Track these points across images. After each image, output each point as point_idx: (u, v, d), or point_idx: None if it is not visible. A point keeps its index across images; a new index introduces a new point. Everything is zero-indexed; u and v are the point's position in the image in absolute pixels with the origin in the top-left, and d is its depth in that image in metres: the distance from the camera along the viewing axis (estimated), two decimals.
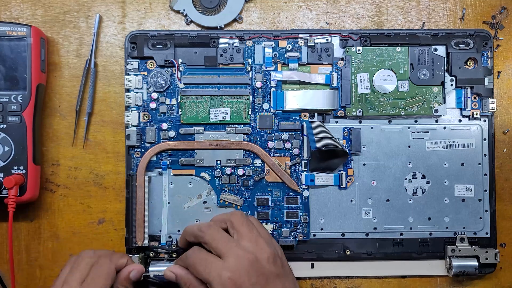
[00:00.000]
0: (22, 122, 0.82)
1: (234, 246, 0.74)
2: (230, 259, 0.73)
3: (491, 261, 0.87)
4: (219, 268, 0.72)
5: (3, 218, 0.86)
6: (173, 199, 0.88)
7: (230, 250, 0.74)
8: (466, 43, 0.87)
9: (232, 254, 0.73)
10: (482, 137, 0.88)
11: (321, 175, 0.88)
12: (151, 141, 0.87)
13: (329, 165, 0.87)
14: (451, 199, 0.88)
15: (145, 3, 0.90)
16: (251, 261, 0.73)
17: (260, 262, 0.73)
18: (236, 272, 0.72)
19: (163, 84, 0.87)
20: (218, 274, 0.72)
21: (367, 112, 0.87)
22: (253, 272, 0.72)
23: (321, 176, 0.88)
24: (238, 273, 0.72)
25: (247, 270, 0.72)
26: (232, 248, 0.74)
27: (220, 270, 0.72)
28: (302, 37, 0.88)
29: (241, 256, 0.73)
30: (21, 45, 0.82)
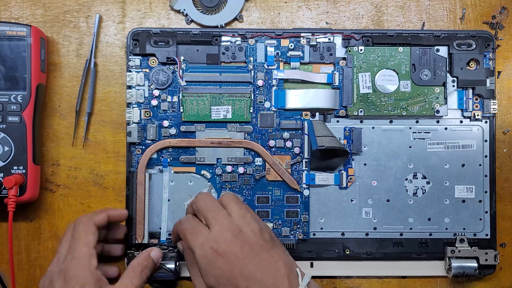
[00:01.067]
0: (22, 122, 0.82)
1: (222, 217, 0.74)
2: (215, 228, 0.73)
3: (491, 263, 0.87)
4: (203, 237, 0.73)
5: (3, 218, 0.85)
6: (174, 196, 0.88)
7: (218, 220, 0.74)
8: (468, 44, 0.87)
9: (218, 223, 0.73)
10: (483, 138, 0.88)
11: (322, 175, 0.88)
12: (152, 138, 0.87)
13: (330, 164, 0.87)
14: (452, 200, 0.88)
15: (145, 3, 0.89)
16: (235, 232, 0.73)
17: (245, 234, 0.73)
18: (219, 242, 0.72)
19: (164, 81, 0.87)
20: (201, 243, 0.72)
21: (369, 112, 0.87)
22: (237, 243, 0.72)
23: (322, 175, 0.88)
24: (221, 243, 0.72)
25: (230, 241, 0.72)
26: (219, 218, 0.74)
27: (204, 239, 0.72)
28: (304, 36, 0.87)
29: (226, 226, 0.73)
30: (21, 45, 0.81)
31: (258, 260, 0.72)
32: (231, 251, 0.71)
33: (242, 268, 0.71)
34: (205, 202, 0.77)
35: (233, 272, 0.71)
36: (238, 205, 0.77)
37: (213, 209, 0.76)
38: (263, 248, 0.73)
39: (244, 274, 0.71)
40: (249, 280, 0.71)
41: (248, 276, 0.71)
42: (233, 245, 0.72)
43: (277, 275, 0.72)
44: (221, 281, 0.71)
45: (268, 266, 0.72)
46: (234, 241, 0.72)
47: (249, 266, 0.71)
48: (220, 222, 0.73)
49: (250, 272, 0.71)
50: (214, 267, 0.71)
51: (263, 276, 0.71)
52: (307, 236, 0.88)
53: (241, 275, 0.71)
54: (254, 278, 0.71)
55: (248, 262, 0.71)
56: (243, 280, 0.70)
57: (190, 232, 0.75)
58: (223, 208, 0.76)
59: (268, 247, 0.74)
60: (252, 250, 0.72)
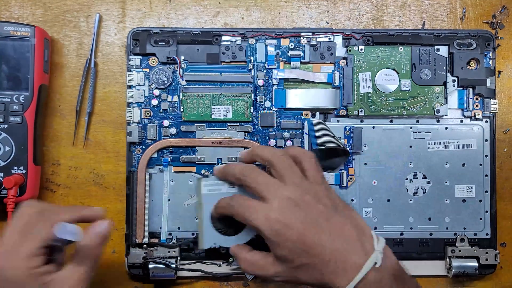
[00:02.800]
0: (24, 123, 0.82)
1: (278, 189, 0.71)
2: (275, 201, 0.70)
3: (491, 262, 0.87)
4: (264, 211, 0.70)
5: (3, 218, 0.85)
6: (174, 196, 0.88)
7: (275, 192, 0.71)
8: (469, 44, 0.87)
9: (277, 196, 0.70)
10: (483, 138, 0.88)
11: None
12: (152, 138, 0.87)
13: (330, 164, 0.87)
14: (452, 200, 0.88)
15: (145, 3, 0.89)
16: (296, 201, 0.70)
17: (306, 202, 0.71)
18: (282, 213, 0.69)
19: (165, 81, 0.87)
20: (263, 217, 0.69)
21: (369, 111, 0.87)
22: (300, 212, 0.70)
23: None
24: (285, 213, 0.69)
25: (293, 210, 0.69)
26: (276, 190, 0.71)
27: (266, 213, 0.70)
28: (304, 35, 0.87)
29: (286, 197, 0.70)
30: (25, 45, 0.81)
31: (327, 226, 0.70)
32: (297, 220, 0.69)
33: (312, 236, 0.69)
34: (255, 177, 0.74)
35: (303, 240, 0.68)
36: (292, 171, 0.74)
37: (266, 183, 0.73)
38: (330, 213, 0.71)
39: (315, 241, 0.68)
40: (322, 246, 0.68)
41: (319, 242, 0.68)
42: (298, 215, 0.69)
43: (349, 240, 0.70)
44: (294, 250, 0.69)
45: (338, 231, 0.70)
46: (297, 211, 0.70)
47: (319, 233, 0.69)
48: (279, 194, 0.71)
49: (321, 239, 0.69)
50: (285, 239, 0.69)
51: (334, 241, 0.69)
52: None
53: (312, 243, 0.68)
54: (326, 244, 0.68)
55: (316, 229, 0.69)
56: (315, 247, 0.68)
57: (247, 211, 0.72)
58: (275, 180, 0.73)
59: (335, 211, 0.72)
60: (319, 217, 0.70)
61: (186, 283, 0.89)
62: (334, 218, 0.71)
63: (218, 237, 0.81)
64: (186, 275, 0.87)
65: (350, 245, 0.69)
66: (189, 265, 0.87)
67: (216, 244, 0.81)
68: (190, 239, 0.87)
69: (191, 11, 0.90)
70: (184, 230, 0.87)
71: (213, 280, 0.89)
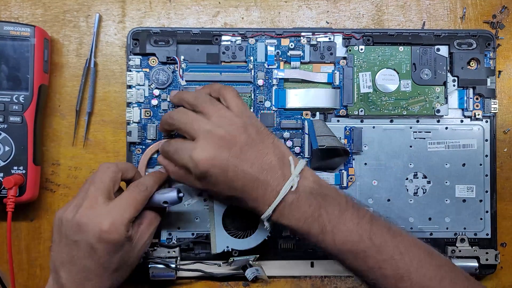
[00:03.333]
0: (24, 123, 0.82)
1: (201, 124, 0.74)
2: (200, 139, 0.73)
3: (491, 262, 0.87)
4: (190, 150, 0.73)
5: (3, 218, 0.85)
6: None
7: (199, 130, 0.73)
8: (469, 44, 0.87)
9: (201, 133, 0.73)
10: (483, 138, 0.88)
11: (322, 174, 0.87)
12: (152, 138, 0.87)
13: (330, 164, 0.87)
14: (452, 200, 0.88)
15: (145, 2, 0.89)
16: (220, 136, 0.73)
17: (230, 134, 0.73)
18: (207, 151, 0.72)
19: (165, 81, 0.87)
20: (189, 156, 0.72)
21: (369, 111, 0.87)
22: (225, 147, 0.72)
23: (322, 175, 0.87)
24: (209, 151, 0.72)
25: (218, 146, 0.72)
26: (200, 128, 0.74)
27: (192, 152, 0.72)
28: (304, 35, 0.87)
29: (211, 133, 0.73)
30: (25, 45, 0.81)
31: (249, 157, 0.73)
32: (221, 155, 0.72)
33: (235, 169, 0.72)
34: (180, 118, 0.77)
35: (227, 175, 0.72)
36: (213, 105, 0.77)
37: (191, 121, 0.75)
38: (252, 144, 0.74)
39: (238, 174, 0.72)
40: (244, 178, 0.72)
41: (242, 175, 0.72)
42: (222, 150, 0.72)
43: (269, 168, 0.73)
44: (219, 186, 0.73)
45: (259, 161, 0.73)
46: (222, 145, 0.72)
47: (241, 165, 0.72)
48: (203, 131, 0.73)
49: (243, 171, 0.72)
50: (209, 175, 0.72)
51: (255, 171, 0.73)
52: None
53: (235, 176, 0.72)
54: (248, 176, 0.72)
55: (239, 162, 0.72)
56: (237, 180, 0.72)
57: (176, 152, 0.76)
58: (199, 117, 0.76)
59: (256, 142, 0.74)
60: (241, 150, 0.73)
61: (186, 283, 0.89)
62: (256, 147, 0.74)
63: (230, 240, 0.83)
64: (186, 275, 0.87)
65: (271, 172, 0.73)
66: (189, 265, 0.87)
67: (228, 247, 0.83)
68: (190, 239, 0.87)
69: (191, 11, 0.90)
70: (184, 230, 0.87)
71: (213, 280, 0.89)
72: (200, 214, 0.87)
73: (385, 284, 0.71)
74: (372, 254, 0.71)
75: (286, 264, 0.88)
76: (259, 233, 0.83)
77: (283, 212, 0.73)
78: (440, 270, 0.72)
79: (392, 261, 0.71)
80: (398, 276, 0.71)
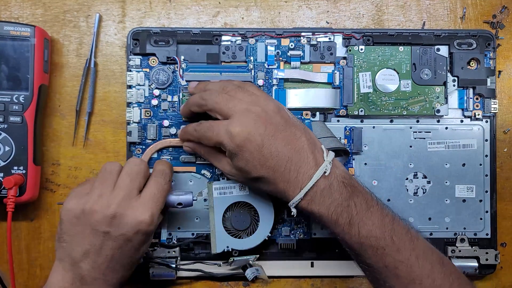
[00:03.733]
0: (24, 123, 0.82)
1: (237, 103, 0.75)
2: (235, 116, 0.73)
3: (491, 262, 0.87)
4: (226, 126, 0.73)
5: (3, 218, 0.85)
6: None
7: (234, 108, 0.74)
8: (469, 44, 0.87)
9: (237, 111, 0.74)
10: (483, 138, 0.88)
11: None
12: (152, 138, 0.87)
13: None
14: (452, 200, 0.88)
15: (145, 2, 0.89)
16: (256, 113, 0.73)
17: (266, 112, 0.74)
18: (244, 126, 0.72)
19: (165, 81, 0.87)
20: (226, 131, 0.73)
21: (369, 111, 0.87)
22: (261, 123, 0.73)
23: None
24: (246, 125, 0.72)
25: (254, 122, 0.73)
26: (235, 106, 0.74)
27: (227, 127, 0.73)
28: (304, 35, 0.87)
29: (245, 110, 0.74)
30: (25, 45, 0.81)
31: (283, 137, 0.73)
32: (258, 131, 0.72)
33: (269, 147, 0.72)
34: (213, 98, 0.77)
35: (262, 152, 0.72)
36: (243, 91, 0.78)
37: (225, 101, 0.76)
38: (286, 126, 0.75)
39: (272, 152, 0.72)
40: (278, 157, 0.72)
41: (275, 153, 0.72)
42: (258, 126, 0.73)
43: (301, 151, 0.74)
44: (251, 163, 0.73)
45: (293, 142, 0.74)
46: (258, 122, 0.73)
47: (276, 144, 0.73)
48: (238, 109, 0.74)
49: (277, 150, 0.72)
50: (243, 150, 0.72)
51: (289, 152, 0.73)
52: (308, 236, 0.88)
53: (269, 154, 0.72)
54: (281, 155, 0.73)
55: (274, 140, 0.73)
56: (271, 158, 0.72)
57: (210, 130, 0.76)
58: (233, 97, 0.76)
59: (290, 124, 0.75)
60: (276, 129, 0.73)
61: (186, 283, 0.89)
62: (290, 130, 0.75)
63: (230, 240, 0.83)
64: (186, 275, 0.87)
65: (303, 156, 0.73)
66: (189, 265, 0.87)
67: (229, 247, 0.83)
68: (190, 239, 0.87)
69: (191, 11, 0.90)
70: (184, 230, 0.87)
71: (213, 280, 0.89)
72: (200, 214, 0.87)
73: (396, 284, 0.72)
74: (390, 253, 0.72)
75: (286, 264, 0.88)
76: (259, 233, 0.83)
77: (314, 198, 0.73)
78: (449, 278, 0.72)
79: (407, 262, 0.72)
80: (410, 278, 0.72)
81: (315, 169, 0.73)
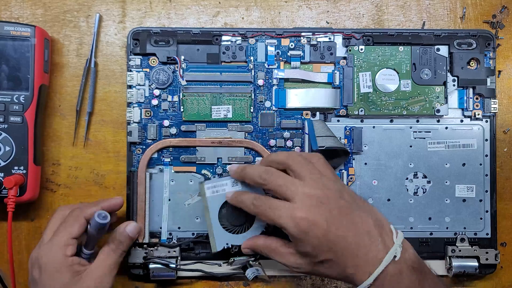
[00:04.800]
0: (24, 123, 0.82)
1: (299, 187, 0.73)
2: (298, 199, 0.72)
3: (491, 262, 0.87)
4: (289, 210, 0.71)
5: (3, 218, 0.85)
6: (174, 196, 0.88)
7: (296, 191, 0.72)
8: (469, 44, 0.87)
9: (300, 194, 0.72)
10: (483, 137, 0.88)
11: None
12: (152, 137, 0.87)
13: (331, 164, 0.87)
14: (452, 199, 0.88)
15: (145, 2, 0.89)
16: (319, 198, 0.72)
17: (328, 198, 0.72)
18: (307, 211, 0.71)
19: (165, 81, 0.87)
20: (289, 216, 0.71)
21: (369, 111, 0.87)
22: (324, 209, 0.71)
23: None
24: (310, 211, 0.71)
25: (317, 207, 0.71)
26: (298, 189, 0.72)
27: (291, 212, 0.71)
28: (304, 35, 0.87)
29: (308, 195, 0.72)
30: (25, 45, 0.81)
31: (348, 220, 0.72)
32: (322, 217, 0.71)
33: (336, 231, 0.71)
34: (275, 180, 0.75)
35: (328, 237, 0.70)
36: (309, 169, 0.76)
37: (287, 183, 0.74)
38: (350, 208, 0.73)
39: (339, 236, 0.71)
40: (345, 241, 0.71)
41: (342, 237, 0.71)
42: (322, 212, 0.71)
43: (369, 233, 0.72)
44: (319, 248, 0.71)
45: (359, 225, 0.72)
46: (321, 207, 0.71)
47: (342, 228, 0.71)
48: (301, 192, 0.72)
49: (344, 233, 0.71)
50: (309, 236, 0.71)
51: (356, 235, 0.71)
52: None
53: (336, 238, 0.71)
54: (348, 239, 0.71)
55: (339, 225, 0.71)
56: (338, 242, 0.71)
57: (272, 211, 0.74)
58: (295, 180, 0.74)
59: (354, 207, 0.74)
60: (340, 212, 0.72)
61: (186, 283, 0.89)
62: (355, 212, 0.73)
63: (229, 236, 0.83)
64: (186, 275, 0.87)
65: (371, 239, 0.71)
66: (189, 265, 0.87)
67: (228, 244, 0.83)
68: (191, 239, 0.87)
69: (191, 11, 0.90)
70: (184, 230, 0.87)
71: (213, 280, 0.89)
72: (200, 214, 0.87)
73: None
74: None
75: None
76: (256, 226, 0.83)
77: (383, 284, 0.71)
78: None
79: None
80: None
81: (384, 253, 0.71)
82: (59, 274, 0.73)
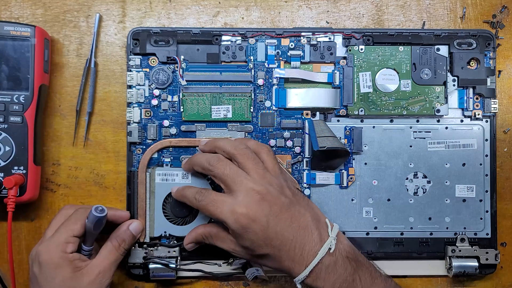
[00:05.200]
0: (24, 123, 0.82)
1: (244, 180, 0.75)
2: (241, 194, 0.74)
3: (491, 262, 0.87)
4: (231, 205, 0.74)
5: (3, 218, 0.85)
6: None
7: (240, 184, 0.74)
8: (469, 43, 0.87)
9: (243, 189, 0.74)
10: (483, 137, 0.88)
11: (322, 174, 0.87)
12: (152, 138, 0.87)
13: (331, 164, 0.87)
14: (452, 199, 0.88)
15: (145, 2, 0.89)
16: (262, 194, 0.74)
17: (271, 194, 0.74)
18: (248, 207, 0.73)
19: (165, 81, 0.87)
20: (230, 211, 0.73)
21: (369, 111, 0.87)
22: (266, 204, 0.73)
23: (322, 174, 0.87)
24: (251, 207, 0.73)
25: (259, 204, 0.73)
26: (242, 182, 0.75)
27: (232, 207, 0.73)
28: (304, 35, 0.87)
29: (251, 188, 0.74)
30: (25, 45, 0.81)
31: (287, 216, 0.75)
32: (263, 213, 0.73)
33: (274, 227, 0.73)
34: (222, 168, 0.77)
35: (266, 233, 0.73)
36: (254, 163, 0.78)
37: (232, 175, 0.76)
38: (290, 205, 0.76)
39: (277, 232, 0.73)
40: (283, 236, 0.74)
41: (280, 233, 0.74)
42: (263, 208, 0.73)
43: (306, 228, 0.75)
44: (256, 243, 0.74)
45: (297, 220, 0.75)
46: (262, 203, 0.74)
47: (280, 224, 0.74)
48: (244, 187, 0.74)
49: (282, 229, 0.74)
50: (248, 231, 0.73)
51: (294, 231, 0.74)
52: None
53: (274, 234, 0.73)
54: (286, 234, 0.74)
55: (278, 221, 0.74)
56: (276, 238, 0.74)
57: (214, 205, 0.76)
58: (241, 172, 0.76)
59: (294, 202, 0.76)
60: (281, 208, 0.74)
61: (186, 283, 0.89)
62: (294, 208, 0.76)
63: (169, 225, 0.85)
64: (186, 275, 0.87)
65: (308, 233, 0.75)
66: (189, 265, 0.87)
67: (166, 232, 0.85)
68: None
69: (191, 11, 0.90)
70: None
71: (213, 280, 0.89)
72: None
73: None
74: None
75: None
76: (198, 222, 0.85)
77: (319, 275, 0.74)
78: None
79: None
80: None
81: (320, 246, 0.74)
82: (59, 269, 0.74)
